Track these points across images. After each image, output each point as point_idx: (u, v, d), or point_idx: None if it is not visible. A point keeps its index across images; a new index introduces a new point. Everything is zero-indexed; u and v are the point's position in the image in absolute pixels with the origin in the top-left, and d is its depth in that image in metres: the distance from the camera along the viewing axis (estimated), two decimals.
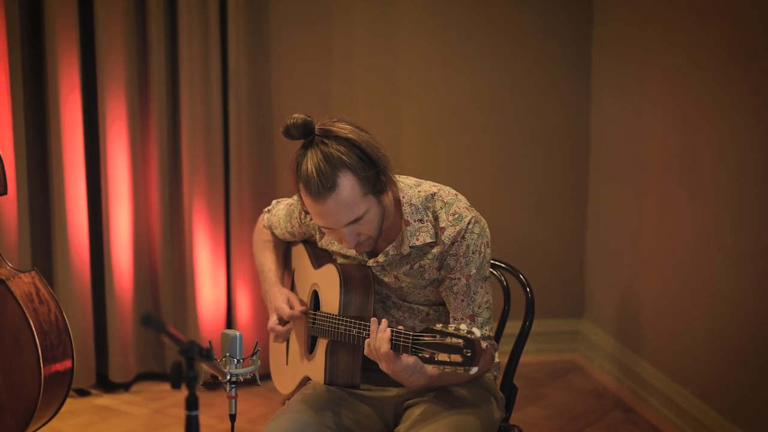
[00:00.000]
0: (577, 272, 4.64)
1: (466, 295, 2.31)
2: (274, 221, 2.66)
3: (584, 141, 4.54)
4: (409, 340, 2.09)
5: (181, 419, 3.75)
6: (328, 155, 2.16)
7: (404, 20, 4.38)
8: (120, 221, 4.08)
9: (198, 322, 4.16)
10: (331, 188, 2.15)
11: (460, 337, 1.99)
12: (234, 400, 2.21)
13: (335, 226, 2.23)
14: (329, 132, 2.20)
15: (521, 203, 4.57)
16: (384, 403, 2.41)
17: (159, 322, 1.61)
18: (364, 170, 2.17)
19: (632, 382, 4.10)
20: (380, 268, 2.38)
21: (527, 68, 4.49)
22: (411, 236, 2.31)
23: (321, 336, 2.42)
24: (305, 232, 2.57)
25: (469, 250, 2.29)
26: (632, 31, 4.17)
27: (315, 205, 2.20)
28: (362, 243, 2.28)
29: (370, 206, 2.22)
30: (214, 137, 4.09)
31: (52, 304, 3.06)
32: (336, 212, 2.19)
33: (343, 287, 2.35)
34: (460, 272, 2.30)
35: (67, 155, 3.97)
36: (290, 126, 2.23)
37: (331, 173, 2.15)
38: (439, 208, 2.32)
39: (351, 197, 2.17)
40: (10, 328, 2.91)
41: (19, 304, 2.90)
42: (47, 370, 2.93)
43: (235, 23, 4.03)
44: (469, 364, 1.98)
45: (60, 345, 3.03)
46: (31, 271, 3.09)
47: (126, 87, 4.01)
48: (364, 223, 2.23)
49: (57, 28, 3.89)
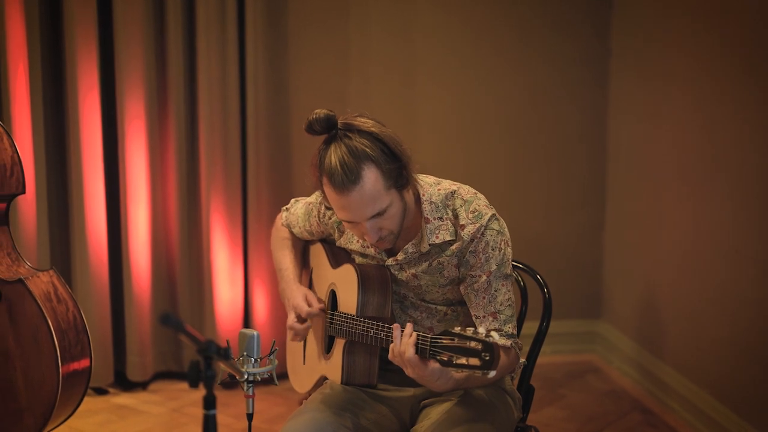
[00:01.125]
0: (594, 273, 4.63)
1: (487, 292, 2.30)
2: (293, 220, 2.66)
3: (602, 141, 4.53)
4: (428, 342, 2.09)
5: (199, 418, 3.77)
6: (352, 148, 2.17)
7: (422, 20, 4.37)
8: (138, 220, 4.09)
9: (215, 321, 4.17)
10: (355, 180, 2.16)
11: (479, 341, 1.99)
12: (251, 399, 2.22)
13: (358, 219, 2.23)
14: (352, 126, 2.21)
15: (539, 203, 4.56)
16: (401, 403, 2.41)
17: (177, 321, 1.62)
18: (388, 164, 2.19)
19: (650, 384, 4.08)
20: (399, 267, 2.38)
21: (545, 68, 4.48)
22: (431, 234, 2.31)
23: (338, 336, 2.43)
24: (323, 231, 2.57)
25: (489, 247, 2.29)
26: (650, 31, 4.15)
27: (339, 198, 2.21)
28: (384, 238, 2.29)
29: (392, 200, 2.23)
30: (231, 136, 4.10)
31: (70, 303, 3.07)
32: (360, 205, 2.20)
33: (362, 287, 2.35)
34: (480, 269, 2.29)
35: (85, 154, 3.98)
36: (313, 121, 2.24)
37: (355, 166, 2.16)
38: (459, 205, 2.32)
39: (375, 190, 2.18)
40: (29, 327, 2.92)
41: (38, 303, 2.91)
42: (65, 369, 2.94)
43: (252, 23, 4.03)
44: (488, 368, 1.98)
45: (78, 344, 3.04)
46: (49, 270, 3.11)
47: (144, 86, 4.02)
48: (386, 218, 2.24)
49: (76, 28, 3.90)
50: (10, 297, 2.92)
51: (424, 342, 2.09)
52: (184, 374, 4.24)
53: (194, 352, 1.62)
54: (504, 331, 2.29)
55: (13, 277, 2.95)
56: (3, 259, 3.03)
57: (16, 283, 2.92)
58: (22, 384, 2.94)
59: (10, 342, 2.93)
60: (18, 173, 3.04)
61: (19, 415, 2.95)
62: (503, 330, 2.29)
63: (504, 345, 2.19)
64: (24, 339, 2.93)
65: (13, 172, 3.01)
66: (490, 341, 1.98)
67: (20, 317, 2.92)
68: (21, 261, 3.11)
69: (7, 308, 2.92)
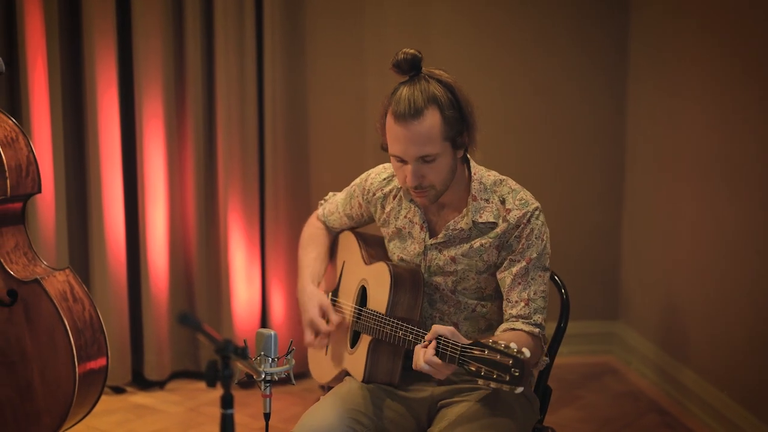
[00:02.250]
0: (612, 274, 4.61)
1: (523, 278, 2.32)
2: (331, 208, 2.68)
3: (620, 141, 4.51)
4: (457, 351, 2.08)
5: (216, 418, 3.78)
6: (425, 89, 2.26)
7: (437, 22, 4.37)
8: (156, 220, 4.10)
9: (232, 321, 4.18)
10: (415, 115, 2.23)
11: (510, 356, 1.98)
12: (268, 399, 2.22)
13: (407, 156, 2.28)
14: (434, 74, 2.31)
15: (556, 204, 4.54)
16: (418, 403, 2.41)
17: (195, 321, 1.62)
18: (452, 115, 2.26)
19: (668, 385, 4.06)
20: (438, 250, 2.38)
21: (563, 68, 4.47)
22: (475, 212, 2.34)
23: (364, 332, 2.43)
24: (365, 212, 2.58)
25: (533, 235, 2.32)
26: (668, 30, 4.13)
27: (396, 127, 2.26)
28: (425, 188, 2.31)
29: (443, 152, 2.28)
30: (249, 136, 4.10)
31: (86, 302, 3.08)
32: (412, 140, 2.25)
33: (394, 287, 2.36)
34: (521, 254, 2.32)
35: (103, 153, 4.00)
36: (400, 60, 2.32)
37: (422, 102, 2.24)
38: (507, 192, 2.37)
39: (431, 132, 2.24)
40: (45, 327, 2.93)
41: (54, 303, 2.92)
42: (82, 369, 2.95)
43: (270, 22, 4.04)
44: (516, 383, 1.97)
45: (94, 343, 3.05)
46: (65, 269, 3.11)
47: (162, 85, 4.03)
48: (432, 166, 2.28)
49: (94, 26, 3.92)
50: (27, 297, 2.93)
51: (453, 351, 2.09)
52: (202, 374, 4.23)
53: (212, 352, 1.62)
54: (532, 320, 2.31)
55: (29, 277, 2.96)
56: (19, 259, 3.04)
57: (32, 283, 2.93)
58: (39, 384, 2.95)
59: (27, 342, 2.94)
60: (34, 173, 3.05)
61: (37, 414, 2.96)
62: (531, 318, 2.30)
63: (531, 332, 2.26)
64: (40, 339, 2.94)
65: (29, 171, 3.02)
66: (521, 357, 1.96)
67: (37, 317, 2.93)
68: (37, 260, 3.12)
69: (24, 309, 2.93)
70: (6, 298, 2.93)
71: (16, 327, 2.94)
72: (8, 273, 2.93)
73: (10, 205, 3.01)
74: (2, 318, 2.93)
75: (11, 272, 2.93)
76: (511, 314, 2.32)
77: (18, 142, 3.00)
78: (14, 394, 2.96)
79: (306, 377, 2.76)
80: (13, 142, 2.97)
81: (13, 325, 2.93)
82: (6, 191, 2.91)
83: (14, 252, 3.03)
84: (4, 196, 2.91)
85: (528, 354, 1.97)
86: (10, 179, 2.91)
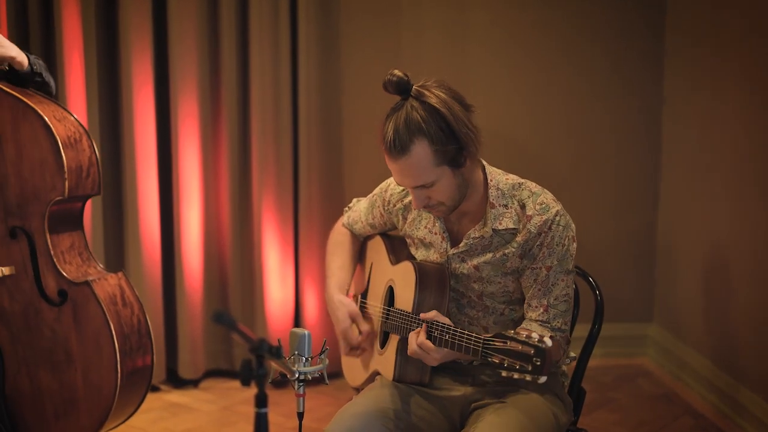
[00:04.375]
0: (647, 276, 4.59)
1: (544, 284, 2.31)
2: (355, 216, 2.69)
3: (656, 143, 4.49)
4: (480, 344, 2.08)
5: (249, 416, 3.80)
6: (410, 119, 2.22)
7: (476, 21, 4.36)
8: (191, 220, 4.12)
9: (266, 320, 4.20)
10: (402, 151, 2.21)
11: (531, 346, 1.98)
12: (302, 398, 2.23)
13: (404, 185, 2.31)
14: (421, 95, 2.24)
15: (591, 206, 4.53)
16: (451, 402, 2.41)
17: (231, 320, 1.63)
18: (442, 142, 2.21)
19: (702, 388, 4.03)
20: (460, 259, 2.38)
21: (599, 71, 4.45)
22: (494, 219, 2.33)
23: (393, 332, 2.44)
24: (387, 222, 2.59)
25: (554, 242, 2.30)
26: (705, 33, 4.10)
27: (388, 161, 2.27)
28: (433, 206, 2.32)
29: (441, 176, 2.25)
30: (283, 136, 4.12)
31: (136, 306, 3.09)
32: (405, 174, 2.25)
33: (419, 286, 2.36)
34: (542, 262, 2.30)
35: (139, 153, 4.03)
36: (387, 83, 2.29)
37: (406, 137, 2.21)
38: (527, 197, 2.34)
39: (421, 164, 2.22)
40: (91, 329, 2.95)
41: (102, 306, 2.93)
42: (124, 374, 2.96)
43: (305, 24, 4.05)
44: (538, 373, 1.97)
45: (140, 349, 3.05)
46: (118, 273, 3.13)
47: (197, 84, 4.06)
48: (434, 190, 2.27)
49: (130, 25, 3.96)
50: (76, 298, 2.95)
51: (477, 344, 2.09)
52: (235, 372, 4.27)
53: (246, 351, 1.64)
54: (551, 325, 2.30)
55: (80, 279, 2.97)
56: (73, 259, 3.06)
57: (82, 285, 2.95)
58: (82, 385, 2.97)
59: (72, 343, 2.96)
60: (95, 174, 3.05)
61: (77, 415, 2.98)
62: (550, 324, 2.30)
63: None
64: (86, 341, 2.95)
65: (90, 173, 3.03)
66: (542, 347, 1.97)
67: (84, 319, 2.95)
68: (92, 262, 3.13)
69: (72, 310, 2.95)
70: (56, 298, 2.96)
71: (63, 327, 2.96)
72: (60, 273, 2.95)
73: (68, 206, 3.03)
74: (51, 317, 2.96)
75: (63, 272, 2.95)
76: (531, 317, 2.32)
77: (81, 143, 3.00)
78: (57, 393, 2.98)
79: (339, 377, 2.76)
80: (76, 142, 2.98)
81: (60, 324, 2.96)
82: (64, 192, 2.93)
83: (69, 252, 3.05)
84: (61, 197, 2.93)
85: (550, 343, 1.97)
86: (69, 180, 2.93)
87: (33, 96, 2.97)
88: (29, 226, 2.95)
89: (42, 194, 2.93)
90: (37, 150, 2.92)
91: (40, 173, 2.92)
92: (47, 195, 2.93)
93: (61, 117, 2.97)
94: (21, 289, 2.96)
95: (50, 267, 2.95)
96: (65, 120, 2.98)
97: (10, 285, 2.97)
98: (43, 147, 2.91)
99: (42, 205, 2.93)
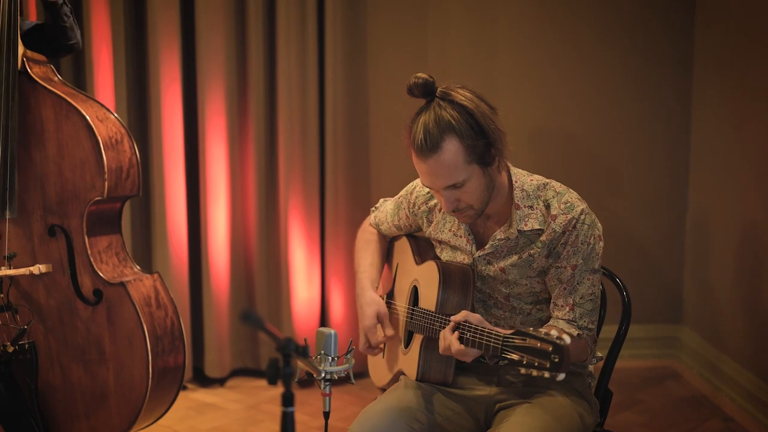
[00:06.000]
0: (675, 277, 4.56)
1: (569, 283, 2.31)
2: (381, 217, 2.69)
3: (684, 144, 4.46)
4: (500, 341, 2.08)
5: (275, 415, 3.81)
6: (440, 117, 2.21)
7: (502, 23, 4.35)
8: (217, 219, 4.14)
9: (292, 319, 4.21)
10: (433, 149, 2.20)
11: (550, 343, 1.98)
12: (328, 398, 2.23)
13: (434, 187, 2.29)
14: (448, 96, 2.25)
15: (619, 206, 4.50)
16: (476, 402, 2.40)
17: (258, 319, 1.63)
18: (472, 139, 2.21)
19: (731, 390, 4.00)
20: (486, 261, 2.38)
21: (627, 69, 4.43)
22: (520, 220, 2.32)
23: (417, 331, 2.44)
24: (412, 224, 2.60)
25: (579, 240, 2.29)
26: (735, 30, 4.07)
27: (418, 162, 2.26)
28: (462, 210, 2.30)
29: (472, 175, 2.24)
30: (310, 136, 4.13)
31: (170, 308, 3.11)
32: (436, 173, 2.24)
33: (442, 285, 2.36)
34: (566, 261, 2.30)
35: (166, 151, 4.05)
36: (412, 85, 2.28)
37: (437, 135, 2.20)
38: (551, 196, 2.33)
39: (452, 162, 2.21)
40: (125, 330, 2.97)
41: (136, 308, 2.96)
42: (155, 376, 2.98)
43: (332, 24, 4.06)
44: (556, 369, 1.97)
45: (172, 351, 3.07)
46: (154, 274, 3.15)
47: (224, 83, 4.08)
48: (464, 191, 2.26)
49: (159, 23, 3.98)
50: (111, 299, 2.97)
51: (496, 341, 2.09)
52: (261, 371, 4.29)
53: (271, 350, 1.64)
54: (578, 323, 2.31)
55: (116, 279, 3.00)
56: (110, 259, 3.08)
57: (118, 286, 2.97)
58: (114, 385, 2.99)
59: (106, 342, 2.98)
60: (134, 175, 3.08)
61: (108, 414, 3.00)
62: (577, 322, 2.30)
63: (571, 333, 2.23)
64: (119, 341, 2.98)
65: (129, 174, 3.06)
66: (560, 344, 1.96)
67: (118, 320, 2.97)
68: (128, 262, 3.15)
69: (107, 309, 2.98)
70: (91, 297, 2.98)
71: (97, 326, 2.98)
72: (96, 273, 2.98)
73: (107, 206, 3.06)
74: (85, 316, 2.99)
75: (99, 272, 2.98)
76: (557, 316, 2.32)
77: (122, 144, 3.03)
78: (88, 390, 3.01)
79: (364, 377, 2.77)
80: (118, 143, 3.01)
81: (94, 324, 2.98)
82: (103, 192, 2.95)
83: (106, 252, 3.07)
84: (100, 197, 2.96)
85: (568, 340, 1.96)
86: (109, 181, 2.95)
87: (76, 95, 3.00)
88: (68, 225, 2.98)
89: (81, 194, 2.96)
90: (78, 149, 2.95)
91: (81, 173, 2.95)
92: (87, 195, 2.95)
93: (103, 117, 3.00)
94: (57, 286, 2.99)
95: (87, 266, 2.98)
96: (107, 120, 3.01)
97: (47, 281, 3.00)
98: (85, 147, 2.94)
99: (81, 205, 2.96)
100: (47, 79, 3.02)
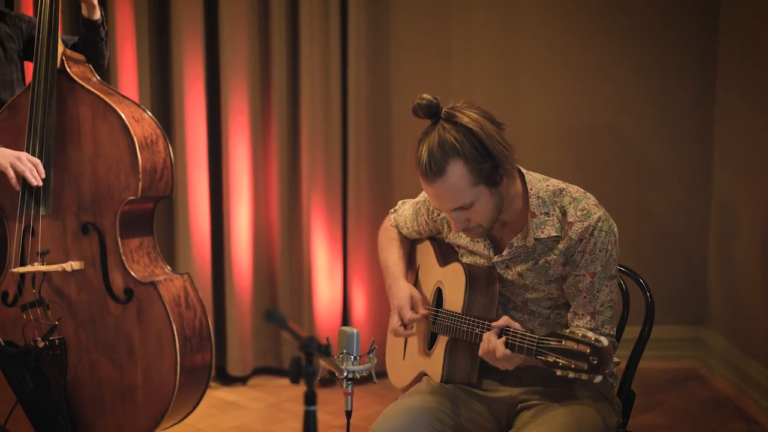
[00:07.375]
0: (699, 278, 4.53)
1: (589, 292, 2.29)
2: (401, 221, 2.69)
3: (709, 142, 4.43)
4: (534, 343, 2.07)
5: (297, 414, 3.82)
6: (444, 141, 2.20)
7: (525, 22, 4.34)
8: (240, 218, 4.15)
9: (314, 318, 4.21)
10: (438, 173, 2.19)
11: (588, 344, 1.96)
12: (350, 397, 2.23)
13: (442, 209, 2.28)
14: (453, 117, 2.23)
15: (642, 206, 4.48)
16: (498, 403, 2.40)
17: (281, 318, 1.63)
18: (478, 161, 2.19)
19: (755, 392, 3.97)
20: (504, 266, 2.38)
21: (650, 69, 4.41)
22: (536, 228, 2.31)
23: (442, 333, 2.43)
24: (432, 229, 2.59)
25: (596, 248, 2.27)
26: (759, 27, 4.04)
27: (424, 185, 2.25)
28: (471, 229, 2.30)
29: (479, 196, 2.23)
30: (332, 135, 4.13)
31: (198, 309, 3.13)
32: (442, 197, 2.23)
33: (469, 287, 2.36)
34: (585, 269, 2.28)
35: (190, 150, 4.07)
36: (416, 107, 2.29)
37: (441, 159, 2.19)
38: (568, 203, 2.31)
39: (458, 185, 2.20)
40: (154, 329, 2.99)
41: (166, 308, 2.98)
42: (182, 375, 3.00)
43: (355, 23, 4.06)
44: (594, 372, 1.95)
45: (200, 352, 3.09)
46: (184, 275, 3.17)
47: (248, 82, 4.09)
48: (473, 212, 2.25)
49: (182, 23, 4.01)
50: (141, 297, 2.99)
51: (531, 343, 2.08)
52: (283, 370, 4.30)
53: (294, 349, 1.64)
54: (601, 331, 2.29)
55: (147, 279, 3.02)
56: (141, 258, 3.10)
57: (148, 285, 3.00)
58: (142, 384, 3.01)
59: (135, 341, 3.00)
60: (168, 176, 3.10)
61: (135, 412, 3.02)
62: (599, 330, 2.28)
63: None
64: (148, 341, 3.00)
65: (163, 174, 3.08)
66: (599, 345, 1.95)
67: (147, 319, 2.99)
68: (159, 262, 3.17)
69: (137, 308, 3.00)
70: (122, 296, 3.01)
71: (127, 325, 3.01)
72: (128, 271, 3.00)
73: (140, 206, 3.08)
74: (116, 314, 3.01)
75: (131, 271, 3.00)
76: (578, 325, 2.30)
77: (157, 145, 3.05)
78: (116, 387, 3.03)
79: (386, 376, 2.76)
80: (153, 144, 3.03)
81: (124, 322, 3.01)
82: (137, 192, 2.97)
83: (137, 251, 3.09)
84: (134, 197, 2.98)
85: (606, 342, 1.95)
86: (143, 181, 2.98)
87: (113, 95, 3.03)
88: (101, 223, 3.00)
89: (116, 193, 2.98)
90: (113, 149, 2.97)
91: (116, 172, 2.98)
92: (121, 194, 2.98)
93: (139, 117, 3.02)
94: (89, 283, 3.02)
95: (118, 265, 3.00)
96: (143, 121, 3.03)
97: (79, 278, 3.03)
98: (120, 146, 2.96)
99: (115, 204, 2.98)
100: (85, 78, 3.05)
